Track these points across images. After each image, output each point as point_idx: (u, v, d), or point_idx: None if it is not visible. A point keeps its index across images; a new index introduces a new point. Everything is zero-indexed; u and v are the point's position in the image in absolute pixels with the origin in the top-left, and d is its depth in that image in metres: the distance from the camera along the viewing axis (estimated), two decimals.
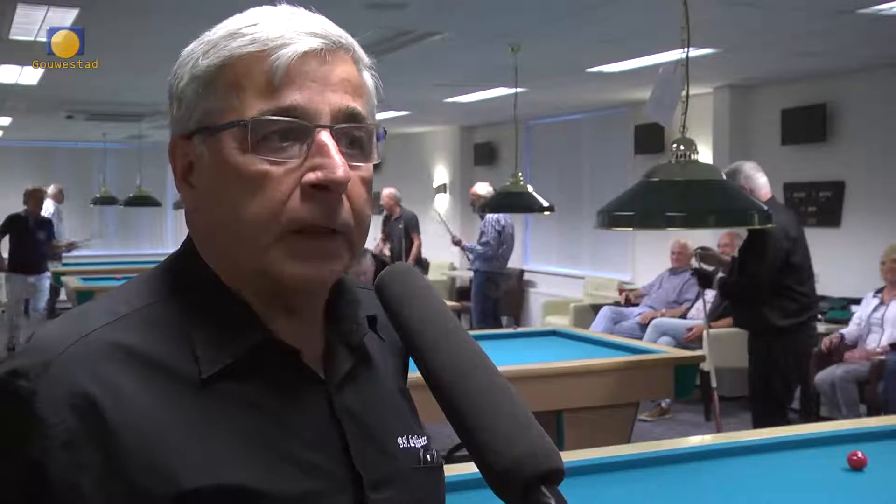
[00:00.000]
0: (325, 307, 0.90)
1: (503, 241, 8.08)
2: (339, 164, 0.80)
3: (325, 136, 0.81)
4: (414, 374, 0.90)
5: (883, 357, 5.78)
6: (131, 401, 0.76)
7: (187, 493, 0.75)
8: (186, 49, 0.86)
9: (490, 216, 7.96)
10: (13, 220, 8.75)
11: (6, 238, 8.72)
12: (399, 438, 0.90)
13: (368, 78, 0.88)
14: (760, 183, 4.58)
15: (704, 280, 4.99)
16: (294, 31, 0.81)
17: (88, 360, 0.77)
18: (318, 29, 0.83)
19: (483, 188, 8.08)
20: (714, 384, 5.32)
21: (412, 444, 0.91)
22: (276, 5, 0.86)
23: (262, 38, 0.81)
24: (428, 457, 0.92)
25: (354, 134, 0.84)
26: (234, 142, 0.81)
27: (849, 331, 6.20)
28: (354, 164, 0.83)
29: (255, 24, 0.82)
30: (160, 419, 0.77)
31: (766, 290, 4.52)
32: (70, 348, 0.77)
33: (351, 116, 0.83)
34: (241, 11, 0.86)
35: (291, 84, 0.80)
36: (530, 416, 0.72)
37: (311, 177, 0.80)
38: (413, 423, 0.95)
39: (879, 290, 6.18)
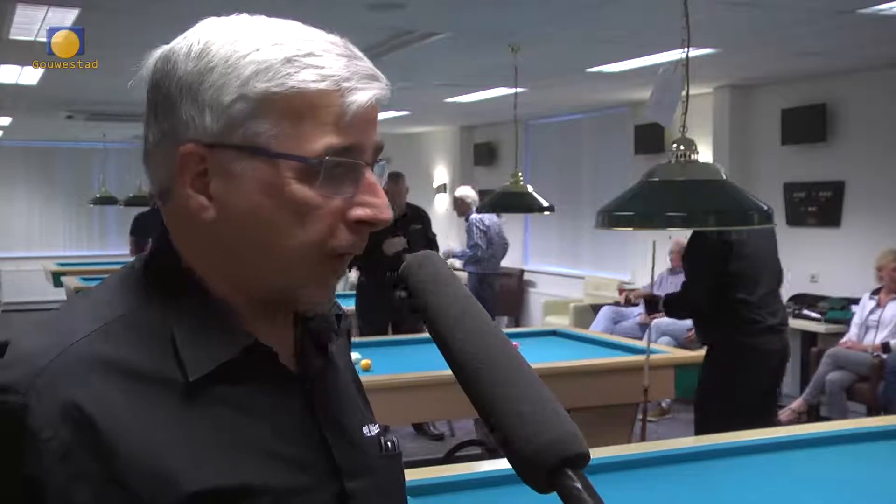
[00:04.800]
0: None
1: (490, 241, 7.89)
2: (386, 204, 0.85)
3: (371, 175, 0.84)
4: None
5: (876, 354, 5.82)
6: (121, 410, 0.76)
7: (187, 496, 0.75)
8: (213, 50, 0.81)
9: (474, 217, 7.80)
10: (139, 219, 7.75)
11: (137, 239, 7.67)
12: (363, 429, 0.94)
13: None
14: None
15: (651, 305, 4.61)
16: (359, 75, 0.82)
17: (76, 371, 0.76)
18: (375, 72, 0.84)
19: (463, 191, 7.98)
20: None
21: (372, 433, 0.95)
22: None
23: (334, 77, 0.81)
24: (388, 444, 0.95)
25: None
26: (290, 171, 0.81)
27: (850, 334, 6.22)
28: None
29: (312, 55, 0.81)
30: (150, 426, 0.77)
31: (706, 301, 4.02)
32: (56, 359, 0.76)
33: (380, 150, 0.87)
34: (240, 10, 0.85)
35: (356, 126, 0.82)
36: (555, 401, 0.73)
37: (359, 213, 0.83)
38: (367, 412, 0.99)
39: (875, 292, 6.18)
